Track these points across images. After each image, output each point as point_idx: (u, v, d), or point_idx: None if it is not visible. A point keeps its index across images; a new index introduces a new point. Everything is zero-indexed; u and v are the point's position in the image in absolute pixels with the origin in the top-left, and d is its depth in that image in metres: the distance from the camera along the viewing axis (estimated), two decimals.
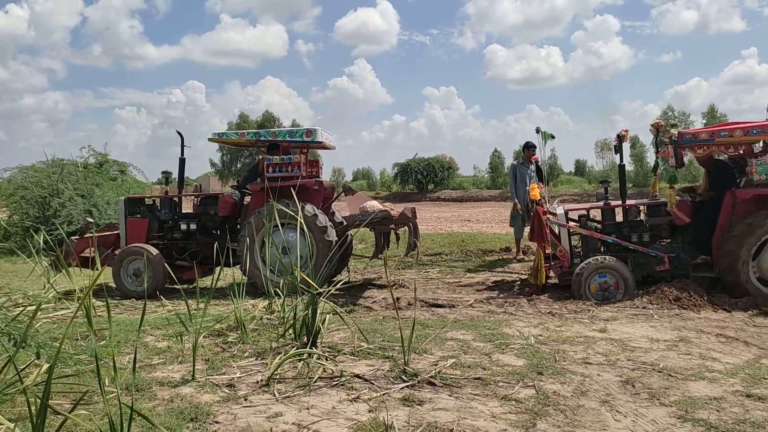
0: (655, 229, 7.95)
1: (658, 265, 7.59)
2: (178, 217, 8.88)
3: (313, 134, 8.21)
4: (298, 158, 8.38)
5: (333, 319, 5.85)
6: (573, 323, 6.26)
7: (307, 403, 3.98)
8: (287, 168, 8.26)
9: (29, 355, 3.26)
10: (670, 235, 7.93)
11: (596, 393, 4.21)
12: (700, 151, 7.52)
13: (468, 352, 5.15)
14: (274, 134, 8.54)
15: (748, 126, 7.30)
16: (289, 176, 8.19)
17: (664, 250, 7.75)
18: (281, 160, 8.31)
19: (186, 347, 5.14)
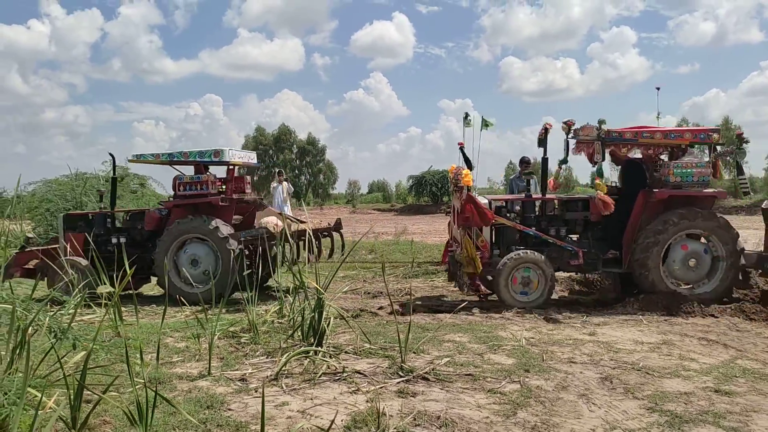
0: (570, 224, 8.21)
1: (572, 259, 7.83)
2: (110, 232, 9.46)
3: (221, 154, 8.79)
4: (207, 177, 9.00)
5: (339, 323, 6.29)
6: (565, 327, 6.63)
7: (311, 394, 4.41)
8: (197, 186, 8.90)
9: (67, 347, 3.72)
10: (583, 230, 8.22)
11: (576, 388, 4.60)
12: (625, 150, 7.92)
13: (462, 352, 5.56)
14: (185, 155, 9.06)
15: (668, 130, 7.89)
16: (198, 194, 8.85)
17: (577, 244, 8.05)
18: (191, 179, 9.01)
19: (203, 347, 5.59)
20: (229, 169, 9.08)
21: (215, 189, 8.98)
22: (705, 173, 7.66)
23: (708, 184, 7.76)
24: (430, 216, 38.67)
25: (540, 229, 8.10)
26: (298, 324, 5.71)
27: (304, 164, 59.76)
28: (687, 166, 7.66)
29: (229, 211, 8.99)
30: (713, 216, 7.62)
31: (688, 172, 7.63)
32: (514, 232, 8.08)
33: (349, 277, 10.65)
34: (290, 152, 60.78)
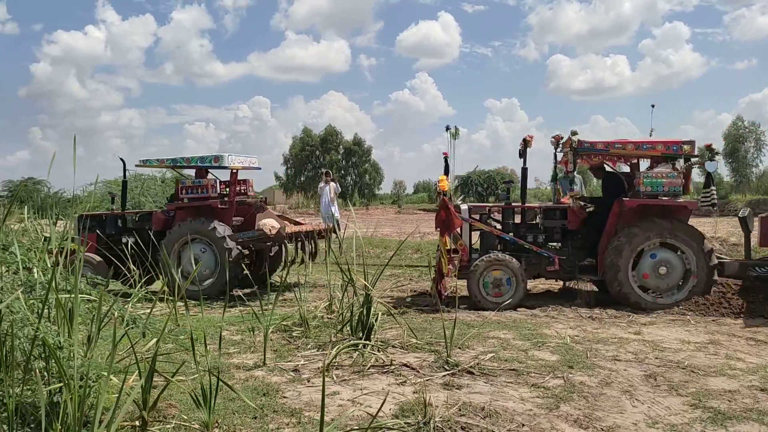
0: (548, 231, 8.37)
1: (549, 266, 8.00)
2: (121, 231, 9.87)
3: (220, 160, 9.24)
4: (207, 181, 9.44)
5: (387, 319, 6.50)
6: (610, 326, 6.68)
7: (360, 385, 4.63)
8: (198, 190, 9.38)
9: (137, 334, 4.02)
10: (562, 238, 8.37)
11: (620, 384, 4.68)
12: (596, 160, 8.15)
13: (507, 348, 5.69)
14: (188, 160, 9.54)
15: (639, 142, 8.01)
16: (199, 197, 9.32)
17: (555, 251, 8.17)
18: (192, 182, 9.48)
19: (257, 340, 5.87)
20: (231, 173, 9.50)
21: (215, 192, 9.47)
22: (675, 183, 7.71)
23: (679, 195, 7.80)
24: None
25: (519, 235, 8.31)
26: (347, 319, 5.94)
27: (350, 165, 60.26)
28: (657, 176, 7.76)
29: (229, 213, 9.43)
30: (683, 225, 7.68)
31: (658, 182, 7.72)
32: (494, 238, 8.34)
33: (396, 276, 10.85)
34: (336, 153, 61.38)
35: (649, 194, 7.73)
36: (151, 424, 3.68)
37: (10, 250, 3.69)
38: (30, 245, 4.08)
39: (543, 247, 8.21)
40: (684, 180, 7.81)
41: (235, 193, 9.51)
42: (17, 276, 3.55)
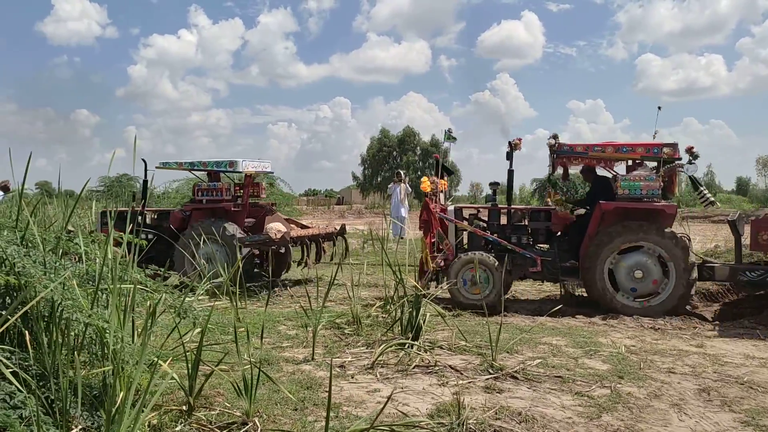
0: (534, 233, 8.48)
1: (532, 267, 8.00)
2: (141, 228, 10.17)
3: (235, 165, 9.71)
4: (221, 185, 9.90)
5: (440, 320, 6.55)
6: (671, 338, 6.44)
7: (402, 384, 4.70)
8: (212, 192, 9.86)
9: (189, 325, 4.26)
10: (547, 240, 8.45)
11: (670, 397, 4.54)
12: (576, 162, 8.26)
13: (557, 355, 5.61)
14: (204, 164, 9.98)
15: (619, 144, 8.00)
16: (214, 200, 9.76)
17: (540, 253, 8.16)
18: (208, 185, 9.95)
19: (310, 335, 6.05)
20: (246, 177, 9.92)
21: (229, 195, 9.93)
22: (653, 187, 7.63)
23: (657, 198, 7.70)
24: None
25: (504, 236, 8.38)
26: (397, 319, 6.03)
27: (426, 166, 60.33)
28: (635, 179, 7.71)
29: (242, 215, 9.85)
30: (661, 229, 7.52)
31: (635, 185, 7.68)
32: (479, 238, 8.49)
33: None
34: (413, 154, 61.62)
35: (627, 197, 7.70)
36: (197, 410, 3.90)
37: (75, 241, 4.00)
38: (95, 237, 4.39)
39: (527, 248, 8.27)
40: (667, 183, 7.80)
41: (248, 196, 10.01)
42: (80, 265, 3.84)
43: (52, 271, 3.48)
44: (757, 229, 7.43)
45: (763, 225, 7.36)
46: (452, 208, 8.82)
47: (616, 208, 7.72)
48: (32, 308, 3.26)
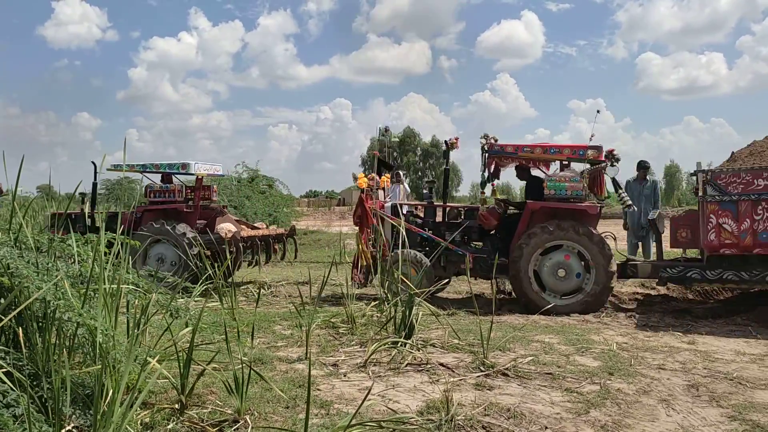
0: (467, 231, 8.68)
1: (464, 264, 8.18)
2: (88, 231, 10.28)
3: (187, 167, 9.99)
4: (174, 186, 10.16)
5: (436, 319, 6.59)
6: (664, 335, 6.49)
7: (394, 382, 4.75)
8: (165, 194, 10.12)
9: (182, 326, 4.32)
10: (481, 237, 8.72)
11: (659, 393, 4.58)
12: (507, 161, 8.56)
13: (549, 352, 5.65)
14: (156, 166, 10.21)
15: (547, 145, 8.32)
16: (166, 201, 10.02)
17: (472, 250, 8.47)
18: (161, 187, 10.21)
19: (304, 335, 6.10)
20: (197, 179, 10.21)
21: (181, 197, 10.14)
22: (577, 188, 7.94)
23: (581, 199, 7.98)
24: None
25: (439, 233, 8.67)
26: (390, 318, 6.07)
27: (427, 166, 60.45)
28: (561, 180, 8.02)
29: (194, 216, 10.09)
30: (583, 229, 7.74)
31: (560, 186, 7.98)
32: (415, 235, 8.73)
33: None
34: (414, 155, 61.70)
35: (553, 197, 7.99)
36: (189, 408, 3.95)
37: (68, 243, 4.05)
38: (88, 239, 4.44)
39: (460, 245, 8.53)
40: (593, 184, 8.07)
41: (199, 198, 10.24)
42: (72, 266, 3.89)
43: (44, 272, 3.54)
44: (676, 227, 7.73)
45: (681, 223, 7.66)
46: (389, 204, 9.16)
47: (542, 208, 8.01)
48: (26, 309, 3.32)
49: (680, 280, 7.69)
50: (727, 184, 7.12)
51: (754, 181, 7.00)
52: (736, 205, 7.06)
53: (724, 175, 7.17)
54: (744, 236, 7.05)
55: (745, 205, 7.01)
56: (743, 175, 7.08)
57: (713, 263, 7.36)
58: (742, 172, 7.11)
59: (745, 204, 7.01)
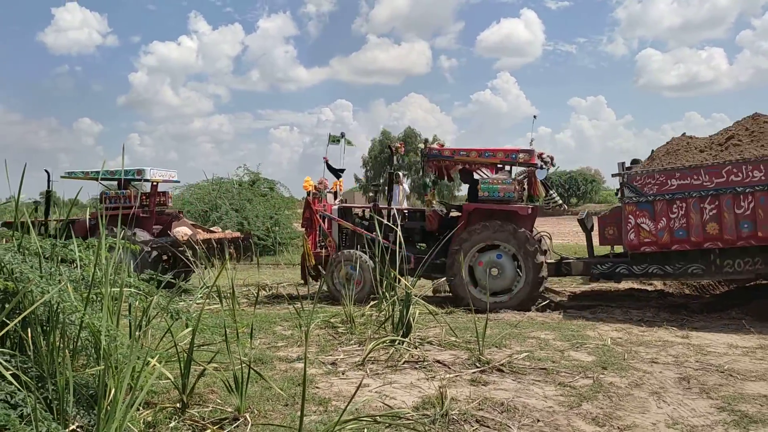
0: (409, 232, 8.99)
1: (407, 264, 8.22)
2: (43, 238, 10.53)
3: (143, 173, 10.36)
4: (129, 192, 10.48)
5: (434, 318, 6.69)
6: (658, 329, 6.58)
7: (391, 379, 4.85)
8: (121, 200, 10.42)
9: (182, 327, 4.42)
10: (424, 239, 9.03)
11: (650, 386, 4.67)
12: (445, 164, 8.97)
13: (544, 348, 5.75)
14: (112, 173, 10.53)
15: (482, 149, 8.62)
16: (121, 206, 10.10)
17: (415, 251, 8.86)
18: (116, 193, 10.54)
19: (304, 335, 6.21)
20: (152, 185, 10.47)
21: (138, 202, 10.43)
22: (509, 189, 8.29)
23: (513, 200, 8.34)
24: (556, 218, 37.80)
25: (384, 235, 8.79)
26: (388, 317, 6.18)
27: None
28: (494, 182, 8.41)
29: (149, 221, 10.38)
30: (514, 229, 8.02)
31: (494, 188, 8.35)
32: (361, 237, 9.11)
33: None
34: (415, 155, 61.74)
35: (486, 199, 8.35)
36: (190, 407, 4.06)
37: (70, 247, 4.16)
38: (89, 244, 4.55)
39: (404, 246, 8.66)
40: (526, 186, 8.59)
41: (155, 203, 10.52)
42: (75, 271, 4.00)
43: (48, 276, 3.65)
44: (603, 225, 7.96)
45: (608, 221, 7.89)
46: (336, 207, 9.54)
47: (476, 209, 8.36)
48: (30, 313, 3.42)
49: (610, 276, 7.94)
50: (642, 185, 7.41)
51: (668, 181, 7.30)
52: (652, 205, 7.35)
53: (640, 177, 7.46)
54: (662, 234, 7.34)
55: (661, 204, 7.30)
56: (657, 176, 7.36)
57: (638, 259, 7.65)
58: (656, 173, 7.39)
59: (661, 204, 7.30)
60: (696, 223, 7.16)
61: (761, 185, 6.86)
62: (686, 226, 7.21)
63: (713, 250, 7.23)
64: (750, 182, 6.92)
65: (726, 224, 7.03)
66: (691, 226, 7.19)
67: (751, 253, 7.15)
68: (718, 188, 7.06)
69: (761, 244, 6.94)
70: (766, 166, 6.87)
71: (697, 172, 7.17)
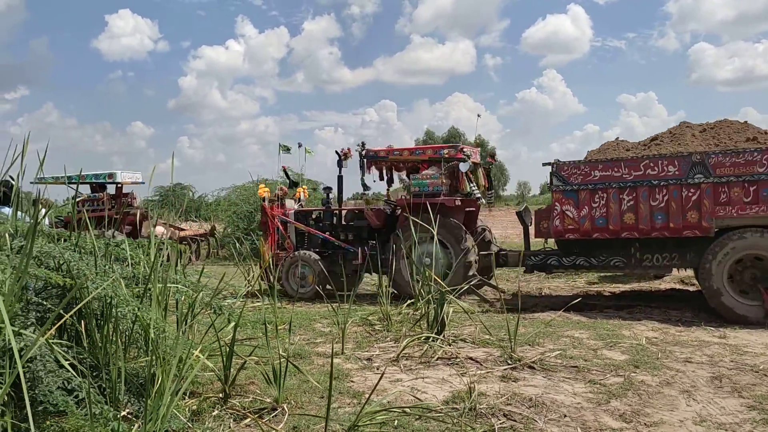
0: (356, 230, 9.58)
1: (355, 260, 9.11)
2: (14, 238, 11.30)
3: (114, 176, 10.99)
4: (101, 195, 11.13)
5: (470, 316, 6.83)
6: (696, 330, 6.54)
7: (424, 374, 5.01)
8: (93, 203, 11.05)
9: (224, 321, 4.68)
10: (371, 236, 9.48)
11: (681, 384, 4.71)
12: (382, 164, 9.62)
13: (577, 347, 5.81)
14: (83, 177, 10.99)
15: (414, 148, 9.60)
16: (95, 209, 10.87)
17: (363, 248, 9.30)
18: (88, 196, 11.11)
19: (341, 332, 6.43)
20: (117, 188, 11.17)
21: (109, 204, 11.05)
22: (437, 184, 8.87)
23: (440, 194, 8.82)
24: None
25: (334, 234, 9.62)
26: (423, 315, 6.34)
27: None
28: (423, 177, 9.01)
29: (121, 222, 10.92)
30: (441, 220, 8.23)
31: (423, 183, 8.97)
32: (316, 237, 9.75)
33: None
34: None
35: (417, 194, 8.89)
36: (232, 397, 4.31)
37: (122, 247, 4.47)
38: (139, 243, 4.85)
39: (353, 244, 9.42)
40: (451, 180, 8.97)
41: (121, 204, 11.16)
42: (126, 268, 4.30)
43: (102, 272, 3.94)
44: (539, 219, 8.25)
45: (543, 215, 8.16)
46: (292, 211, 10.21)
47: (408, 204, 8.83)
48: (86, 307, 3.71)
49: (542, 268, 8.34)
50: (569, 175, 7.82)
51: (591, 172, 7.71)
52: (576, 194, 7.78)
53: (567, 167, 7.85)
54: (583, 222, 7.76)
55: (584, 194, 7.74)
56: (582, 167, 7.79)
57: (567, 251, 8.03)
58: (582, 164, 7.83)
59: (584, 193, 7.74)
60: (615, 212, 7.59)
61: (675, 179, 7.26)
62: (606, 215, 7.65)
63: (634, 243, 7.66)
64: (665, 176, 7.32)
65: (642, 215, 7.45)
66: (611, 215, 7.61)
67: (669, 248, 7.56)
68: (636, 180, 7.47)
69: (673, 235, 7.34)
70: (679, 161, 7.26)
71: (618, 165, 7.61)
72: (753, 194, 6.94)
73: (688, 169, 7.19)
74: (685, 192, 7.22)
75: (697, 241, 7.28)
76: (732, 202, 7.04)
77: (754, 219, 6.97)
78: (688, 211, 7.22)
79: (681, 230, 7.26)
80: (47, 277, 3.56)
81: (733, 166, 7.00)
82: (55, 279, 3.46)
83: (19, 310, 3.47)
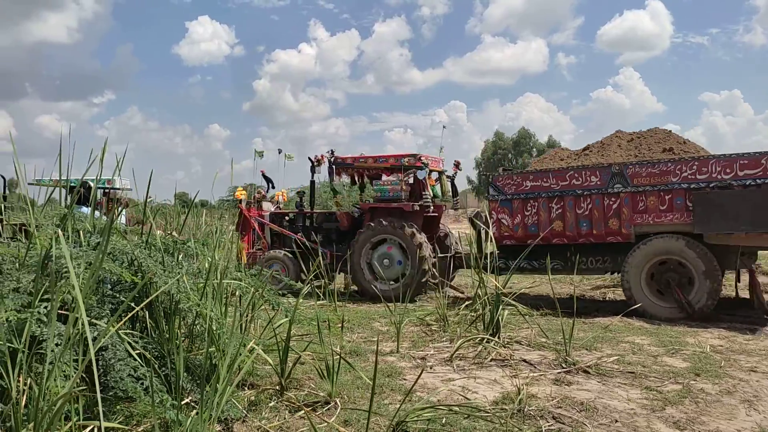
0: (326, 232, 10.20)
1: (324, 259, 9.18)
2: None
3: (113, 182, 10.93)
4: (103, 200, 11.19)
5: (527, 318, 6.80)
6: (766, 339, 6.29)
7: (476, 375, 5.06)
8: None
9: (281, 318, 4.88)
10: (340, 238, 10.08)
11: (743, 394, 4.57)
12: (350, 171, 10.26)
13: (637, 353, 5.71)
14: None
15: (377, 156, 9.90)
16: None
17: (332, 249, 9.93)
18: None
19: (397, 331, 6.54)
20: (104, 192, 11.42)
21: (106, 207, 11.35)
22: (397, 190, 9.49)
23: (400, 199, 9.40)
24: None
25: (306, 236, 10.10)
26: (479, 316, 6.37)
27: None
28: (384, 184, 9.66)
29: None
30: (399, 224, 9.10)
31: (384, 189, 9.61)
32: (290, 238, 10.29)
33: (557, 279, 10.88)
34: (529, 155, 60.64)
35: (378, 199, 9.59)
36: (288, 390, 4.50)
37: (188, 245, 4.73)
38: (205, 240, 5.13)
39: (323, 245, 9.90)
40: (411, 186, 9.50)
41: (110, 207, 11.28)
42: (192, 264, 4.56)
43: (170, 269, 4.20)
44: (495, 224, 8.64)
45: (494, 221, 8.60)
46: (268, 213, 10.74)
47: (371, 208, 9.58)
48: (155, 301, 3.97)
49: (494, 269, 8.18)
50: (504, 185, 8.48)
51: (523, 182, 8.37)
52: (510, 203, 8.41)
53: (501, 178, 8.58)
54: (517, 229, 8.43)
55: (517, 203, 8.37)
56: (515, 177, 8.49)
57: (512, 255, 8.04)
58: (514, 175, 8.55)
59: (517, 202, 8.37)
60: (544, 220, 8.19)
61: (597, 189, 7.83)
62: (537, 223, 8.25)
63: (569, 248, 8.16)
64: (588, 186, 7.91)
65: (569, 222, 8.05)
66: (541, 222, 8.21)
67: (601, 252, 8.08)
68: (563, 190, 8.07)
69: (598, 241, 7.91)
70: (600, 172, 7.83)
71: (546, 176, 8.21)
72: (668, 202, 7.45)
73: (608, 179, 7.76)
74: (606, 201, 7.79)
75: (623, 246, 7.78)
76: (649, 210, 7.56)
77: (669, 226, 7.46)
78: (609, 219, 7.79)
79: (605, 236, 7.84)
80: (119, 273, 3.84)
81: (649, 176, 7.52)
82: (125, 276, 3.72)
83: (95, 303, 3.76)
